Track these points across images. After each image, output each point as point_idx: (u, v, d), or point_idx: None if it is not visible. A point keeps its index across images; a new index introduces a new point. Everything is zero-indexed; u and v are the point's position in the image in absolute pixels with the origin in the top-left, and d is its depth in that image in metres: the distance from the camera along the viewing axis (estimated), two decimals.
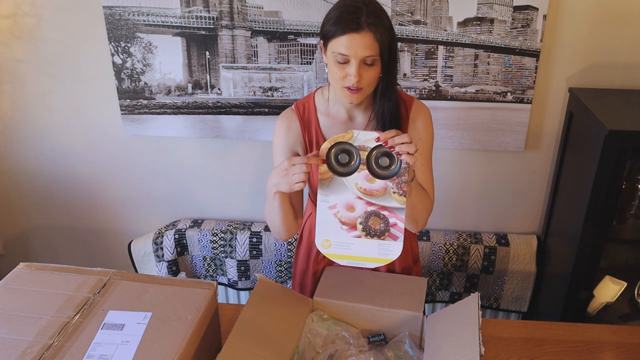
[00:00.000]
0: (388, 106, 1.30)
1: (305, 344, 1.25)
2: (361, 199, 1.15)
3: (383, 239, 1.14)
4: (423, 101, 1.83)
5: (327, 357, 1.23)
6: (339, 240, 1.13)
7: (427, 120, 1.39)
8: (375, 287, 1.37)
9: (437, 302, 2.19)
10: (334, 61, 1.22)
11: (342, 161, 1.14)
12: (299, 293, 1.40)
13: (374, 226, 1.14)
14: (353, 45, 1.18)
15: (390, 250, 1.14)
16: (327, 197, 1.15)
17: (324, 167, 1.14)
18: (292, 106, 1.43)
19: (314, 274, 1.53)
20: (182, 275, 2.19)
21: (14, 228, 2.39)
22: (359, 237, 1.13)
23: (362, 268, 1.24)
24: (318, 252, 1.49)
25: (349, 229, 1.15)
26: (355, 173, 1.14)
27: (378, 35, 1.17)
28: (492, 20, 1.80)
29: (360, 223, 1.15)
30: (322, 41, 1.26)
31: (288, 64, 1.92)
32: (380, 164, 1.13)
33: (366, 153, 1.13)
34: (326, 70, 1.29)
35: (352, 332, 1.29)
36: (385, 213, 1.15)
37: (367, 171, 1.14)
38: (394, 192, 1.13)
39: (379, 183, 1.13)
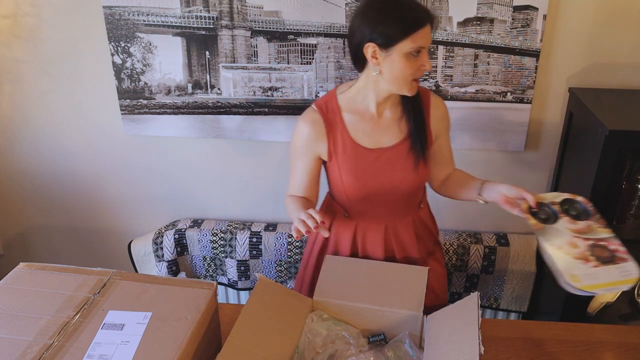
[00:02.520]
0: (416, 99, 1.39)
1: (305, 344, 1.25)
2: (577, 237, 1.25)
3: (617, 263, 1.21)
4: None
5: (327, 357, 1.23)
6: (583, 273, 1.20)
7: (445, 110, 1.49)
8: (375, 282, 1.37)
9: None
10: (406, 58, 1.26)
11: (542, 216, 1.29)
12: (299, 293, 1.40)
13: (602, 255, 1.22)
14: (426, 35, 1.25)
15: (629, 270, 1.20)
16: (551, 241, 1.25)
17: (533, 221, 1.27)
18: (313, 106, 1.43)
19: None
20: (182, 275, 2.19)
21: (13, 228, 2.39)
22: (597, 266, 1.20)
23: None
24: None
25: (584, 262, 1.21)
26: (559, 221, 1.28)
27: (432, 24, 1.27)
28: (492, 20, 1.80)
29: (591, 255, 1.22)
30: (376, 46, 1.26)
31: (288, 63, 1.92)
32: (573, 212, 1.30)
33: (558, 206, 1.30)
34: (374, 73, 1.31)
35: (352, 332, 1.29)
36: (603, 242, 1.24)
37: (568, 217, 1.28)
38: (598, 227, 1.26)
39: (581, 223, 1.27)
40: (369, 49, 1.27)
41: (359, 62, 1.34)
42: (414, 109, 1.41)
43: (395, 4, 1.25)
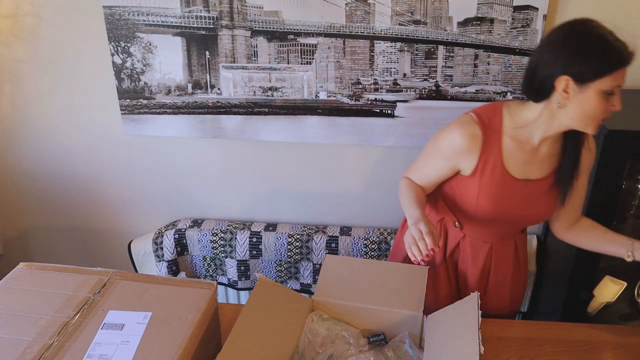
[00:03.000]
0: (578, 138, 1.35)
1: (305, 344, 1.25)
2: None
3: None
4: (423, 101, 1.83)
5: (327, 357, 1.23)
6: None
7: (594, 154, 1.46)
8: (375, 282, 1.37)
9: None
10: (600, 96, 1.22)
11: None
12: (299, 293, 1.40)
13: None
14: (625, 74, 1.22)
15: None
16: None
17: None
18: (474, 117, 1.36)
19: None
20: (182, 275, 2.19)
21: (13, 228, 2.39)
22: None
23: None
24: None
25: None
26: None
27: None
28: (492, 20, 1.80)
29: None
30: (570, 79, 1.21)
31: (288, 63, 1.92)
32: None
33: None
34: (555, 106, 1.26)
35: (352, 332, 1.29)
36: None
37: None
38: None
39: None
40: (562, 82, 1.22)
41: (541, 94, 1.27)
42: (574, 147, 1.36)
43: (599, 40, 1.20)
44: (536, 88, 1.27)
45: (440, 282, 1.56)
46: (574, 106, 1.24)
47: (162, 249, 2.15)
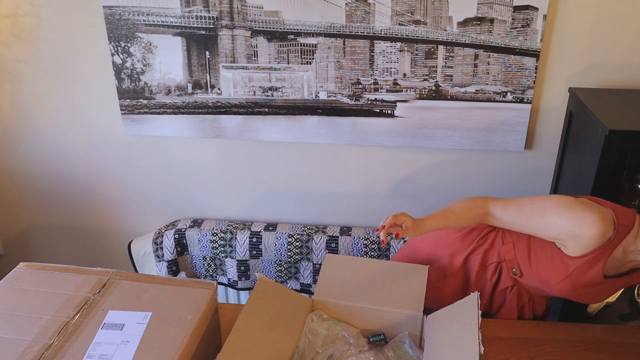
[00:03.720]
0: None
1: (305, 344, 1.25)
2: None
3: None
4: (423, 101, 1.83)
5: (327, 357, 1.23)
6: None
7: None
8: (375, 282, 1.37)
9: None
10: None
11: None
12: (299, 293, 1.40)
13: None
14: None
15: None
16: None
17: None
18: (614, 218, 1.26)
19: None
20: (182, 275, 2.19)
21: (13, 228, 2.39)
22: None
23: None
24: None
25: None
26: None
27: None
28: (492, 20, 1.80)
29: None
30: None
31: (288, 63, 1.92)
32: None
33: None
34: None
35: (352, 332, 1.29)
36: None
37: None
38: None
39: None
40: None
41: None
42: None
43: None
44: None
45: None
46: None
47: (162, 249, 2.15)
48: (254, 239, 2.12)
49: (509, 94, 1.90)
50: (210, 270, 2.21)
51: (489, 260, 1.49)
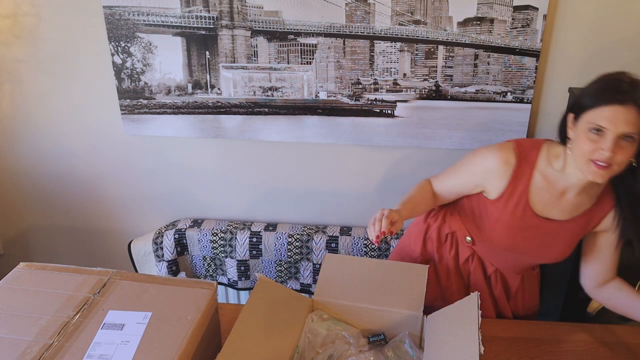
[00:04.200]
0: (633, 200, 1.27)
1: (305, 344, 1.25)
2: None
3: None
4: (423, 101, 1.83)
5: (327, 357, 1.23)
6: None
7: None
8: (375, 282, 1.37)
9: None
10: (586, 132, 1.18)
11: None
12: (299, 293, 1.40)
13: None
14: (614, 118, 1.13)
15: None
16: None
17: None
18: (514, 147, 1.34)
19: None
20: (182, 275, 2.19)
21: (13, 228, 2.39)
22: None
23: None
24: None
25: None
26: None
27: None
28: (492, 20, 1.80)
29: None
30: (572, 114, 1.23)
31: (288, 63, 1.92)
32: None
33: None
34: (567, 145, 1.26)
35: (352, 332, 1.29)
36: None
37: None
38: None
39: None
40: (569, 118, 1.22)
41: (562, 135, 1.28)
42: (621, 198, 1.31)
43: (606, 77, 1.18)
44: (560, 128, 1.29)
45: (452, 290, 1.56)
46: (573, 146, 1.22)
47: (162, 248, 2.15)
48: (254, 239, 2.12)
49: (509, 94, 1.90)
50: (210, 270, 2.21)
51: (443, 235, 1.54)
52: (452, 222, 1.54)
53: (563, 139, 1.29)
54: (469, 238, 1.50)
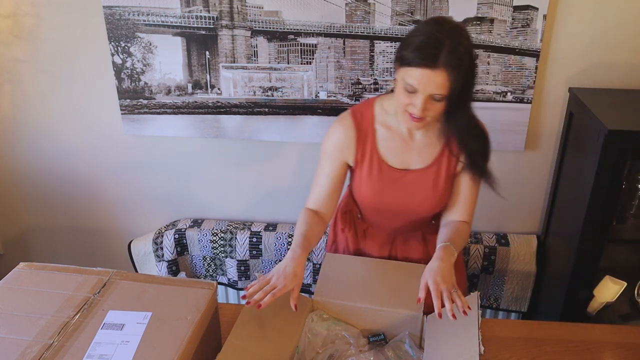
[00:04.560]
0: (455, 129, 1.30)
1: (305, 344, 1.25)
2: None
3: None
4: None
5: (327, 357, 1.23)
6: None
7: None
8: (375, 281, 1.37)
9: None
10: (402, 86, 1.21)
11: None
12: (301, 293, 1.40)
13: None
14: (424, 81, 1.16)
15: None
16: None
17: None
18: (349, 112, 1.39)
19: None
20: (182, 275, 2.19)
21: (13, 228, 2.39)
22: None
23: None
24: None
25: None
26: None
27: (453, 77, 1.15)
28: (492, 20, 1.80)
29: None
30: (396, 65, 1.24)
31: (288, 63, 1.92)
32: None
33: None
34: (393, 91, 1.28)
35: (352, 332, 1.29)
36: None
37: None
38: None
39: None
40: (396, 66, 1.25)
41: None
42: (450, 140, 1.33)
43: (429, 35, 1.16)
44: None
45: None
46: (395, 93, 1.26)
47: (162, 248, 2.15)
48: (254, 239, 2.12)
49: (509, 94, 1.90)
50: (210, 270, 2.21)
51: (341, 221, 1.57)
52: (343, 205, 1.58)
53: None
54: (359, 215, 1.54)
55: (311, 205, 1.42)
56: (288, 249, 2.09)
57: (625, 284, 1.80)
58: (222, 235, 2.13)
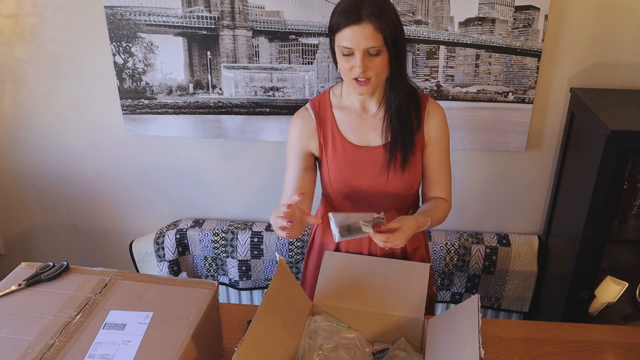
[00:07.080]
0: (397, 96, 1.33)
1: (305, 349, 1.24)
2: None
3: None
4: None
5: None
6: None
7: (442, 120, 1.42)
8: (375, 283, 1.36)
9: (438, 302, 2.19)
10: (340, 54, 1.25)
11: None
12: (304, 293, 1.39)
13: None
14: (354, 37, 1.20)
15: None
16: None
17: None
18: (308, 103, 1.44)
19: None
20: (183, 275, 2.19)
21: (15, 227, 2.39)
22: None
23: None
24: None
25: None
26: None
27: (379, 24, 1.19)
28: (493, 20, 1.79)
29: None
30: (330, 36, 1.28)
31: (289, 63, 1.92)
32: None
33: None
34: (338, 69, 1.30)
35: (353, 335, 1.29)
36: None
37: None
38: None
39: None
40: (331, 42, 1.28)
41: (333, 57, 1.32)
42: (397, 110, 1.34)
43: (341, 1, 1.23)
44: (331, 53, 1.32)
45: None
46: (339, 67, 1.29)
47: (163, 249, 2.15)
48: (255, 239, 2.12)
49: (510, 94, 1.89)
50: (212, 270, 2.21)
51: (321, 215, 1.57)
52: (324, 204, 1.56)
53: (336, 63, 1.32)
54: (331, 213, 1.51)
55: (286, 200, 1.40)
56: (289, 249, 2.10)
57: (627, 284, 1.80)
58: (224, 235, 2.13)
